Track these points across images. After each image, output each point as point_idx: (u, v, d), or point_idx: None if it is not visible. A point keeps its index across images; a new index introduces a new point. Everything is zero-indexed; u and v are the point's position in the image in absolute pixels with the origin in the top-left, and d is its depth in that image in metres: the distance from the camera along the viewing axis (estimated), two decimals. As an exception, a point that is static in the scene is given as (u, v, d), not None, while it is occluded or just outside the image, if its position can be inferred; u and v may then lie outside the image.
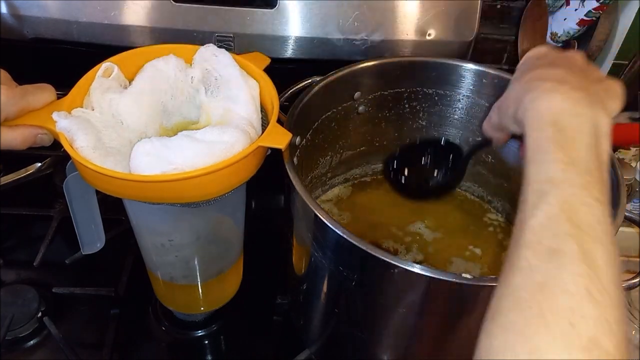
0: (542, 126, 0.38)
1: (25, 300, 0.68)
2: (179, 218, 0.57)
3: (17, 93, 0.45)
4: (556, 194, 0.35)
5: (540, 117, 0.39)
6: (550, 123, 0.38)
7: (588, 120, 0.38)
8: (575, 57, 0.45)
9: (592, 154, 0.37)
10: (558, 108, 0.38)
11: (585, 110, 0.38)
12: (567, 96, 0.39)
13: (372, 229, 0.75)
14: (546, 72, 0.42)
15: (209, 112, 0.53)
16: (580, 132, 0.37)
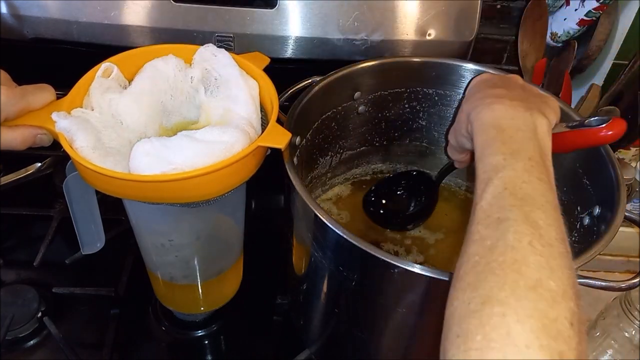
0: (486, 130, 0.44)
1: (25, 300, 0.69)
2: (179, 218, 0.57)
3: (17, 93, 0.45)
4: (500, 176, 0.40)
5: (484, 123, 0.45)
6: (492, 126, 0.44)
7: (525, 121, 0.44)
8: (515, 78, 0.52)
9: (532, 146, 0.42)
10: (499, 115, 0.44)
11: (522, 114, 0.44)
12: (506, 105, 0.45)
13: (372, 229, 0.75)
14: (489, 91, 0.48)
15: (208, 112, 0.53)
16: (519, 129, 0.43)
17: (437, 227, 0.76)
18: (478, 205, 0.40)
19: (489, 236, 0.37)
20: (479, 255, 0.37)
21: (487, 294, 0.34)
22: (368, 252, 0.47)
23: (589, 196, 0.60)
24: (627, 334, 0.68)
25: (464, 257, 0.38)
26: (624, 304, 0.68)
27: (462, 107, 0.50)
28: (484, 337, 0.32)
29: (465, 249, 0.39)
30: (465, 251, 0.38)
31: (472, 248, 0.38)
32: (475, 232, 0.39)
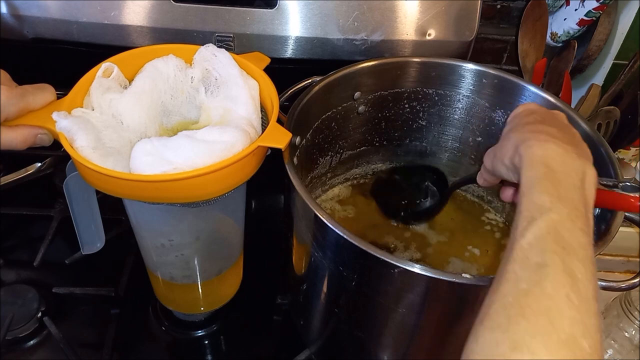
0: (536, 166, 0.43)
1: (25, 300, 0.68)
2: (179, 218, 0.57)
3: (17, 93, 0.45)
4: (545, 219, 0.39)
5: (535, 160, 0.43)
6: (543, 164, 0.43)
7: (576, 168, 0.43)
8: (562, 117, 0.51)
9: (579, 195, 0.41)
10: (551, 154, 0.43)
11: (574, 160, 0.43)
12: (559, 146, 0.44)
13: (372, 228, 0.75)
14: (540, 127, 0.47)
15: (209, 112, 0.53)
16: (569, 175, 0.42)
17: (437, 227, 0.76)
18: (517, 243, 0.39)
19: (526, 279, 0.36)
20: (512, 296, 0.36)
21: (518, 340, 0.33)
22: (368, 252, 0.47)
23: (589, 196, 0.60)
24: (627, 334, 0.69)
25: (495, 295, 0.37)
26: (624, 304, 0.68)
27: (509, 136, 0.48)
28: None
29: (498, 286, 0.38)
30: (497, 289, 0.37)
31: (505, 287, 0.37)
32: (510, 271, 0.37)
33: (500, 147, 0.49)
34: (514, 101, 0.68)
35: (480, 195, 0.80)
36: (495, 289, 0.38)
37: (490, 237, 0.76)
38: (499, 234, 0.77)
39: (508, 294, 0.36)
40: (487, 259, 0.73)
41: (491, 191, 0.78)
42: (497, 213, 0.79)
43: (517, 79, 0.67)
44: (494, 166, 0.51)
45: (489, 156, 0.52)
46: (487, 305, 0.37)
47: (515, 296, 0.36)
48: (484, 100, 0.70)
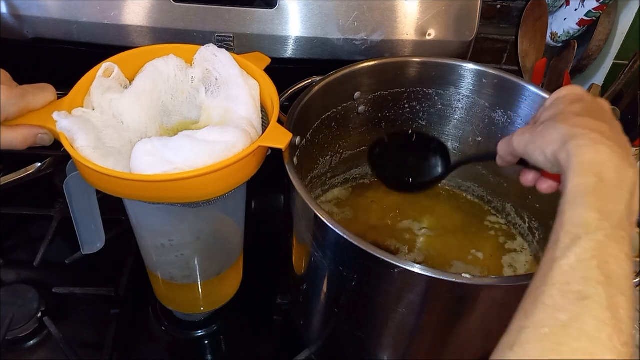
0: (585, 174, 0.39)
1: (25, 300, 0.68)
2: (179, 218, 0.57)
3: (17, 93, 0.45)
4: (590, 239, 0.36)
5: (585, 165, 0.39)
6: (594, 173, 0.39)
7: (629, 178, 0.39)
8: (607, 107, 0.47)
9: (627, 210, 0.38)
10: (603, 160, 0.39)
11: (627, 169, 0.39)
12: (613, 151, 0.40)
13: (372, 229, 0.75)
14: (591, 123, 0.42)
15: (209, 112, 0.53)
16: (620, 188, 0.39)
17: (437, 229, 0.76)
18: (558, 263, 0.36)
19: (565, 309, 0.33)
20: (549, 327, 0.33)
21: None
22: (368, 252, 0.47)
23: (589, 196, 0.60)
24: (627, 334, 0.68)
25: (529, 321, 0.34)
26: (623, 304, 0.68)
27: (555, 125, 0.44)
28: None
29: (533, 309, 0.35)
30: (532, 313, 0.35)
31: (541, 314, 0.34)
32: (548, 296, 0.35)
33: (542, 135, 0.44)
34: (514, 101, 0.68)
35: (481, 195, 0.80)
36: (530, 312, 0.35)
37: (492, 240, 0.76)
38: (502, 238, 0.77)
39: (544, 324, 0.33)
40: (489, 262, 0.73)
41: (491, 191, 0.78)
42: (497, 214, 0.79)
43: (517, 79, 0.67)
44: (529, 151, 0.46)
45: (522, 140, 0.47)
46: (519, 329, 0.34)
47: (552, 329, 0.33)
48: (484, 100, 0.70)
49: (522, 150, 0.47)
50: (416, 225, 0.76)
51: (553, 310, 0.34)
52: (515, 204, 0.76)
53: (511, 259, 0.74)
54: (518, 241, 0.76)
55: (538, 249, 0.73)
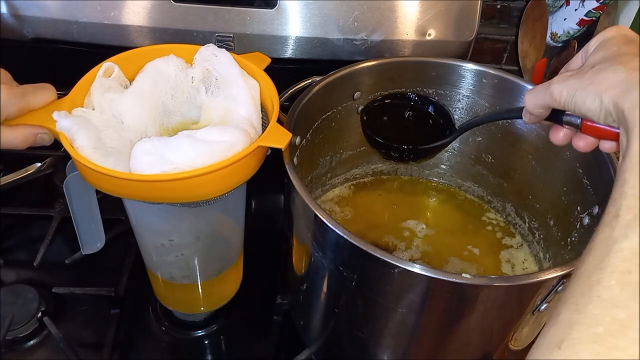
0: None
1: (25, 300, 0.68)
2: (179, 218, 0.57)
3: (18, 93, 0.45)
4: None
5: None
6: None
7: None
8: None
9: None
10: None
11: None
12: None
13: (372, 229, 0.75)
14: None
15: (209, 112, 0.53)
16: None
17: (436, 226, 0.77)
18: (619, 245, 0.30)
19: (624, 305, 0.29)
20: (604, 327, 0.28)
21: None
22: (368, 252, 0.47)
23: (589, 196, 0.61)
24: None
25: (581, 315, 0.30)
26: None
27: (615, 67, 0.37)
28: None
29: (586, 302, 0.30)
30: (584, 306, 0.30)
31: (596, 310, 0.29)
32: (605, 287, 0.29)
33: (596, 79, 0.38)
34: (514, 101, 0.68)
35: (481, 195, 0.80)
36: (582, 305, 0.30)
37: (490, 236, 0.76)
38: (500, 234, 0.77)
39: (599, 322, 0.29)
40: (487, 259, 0.73)
41: (491, 191, 0.78)
42: (497, 213, 0.79)
43: (517, 79, 0.67)
44: (577, 99, 0.40)
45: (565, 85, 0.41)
46: (569, 324, 0.30)
47: (608, 328, 0.28)
48: (484, 100, 0.70)
49: (565, 99, 0.41)
50: (416, 224, 0.76)
51: (610, 306, 0.29)
52: (515, 204, 0.76)
53: (509, 255, 0.74)
54: (517, 238, 0.76)
55: (538, 249, 0.73)
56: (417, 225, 0.76)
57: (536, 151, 0.69)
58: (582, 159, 0.62)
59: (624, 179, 0.32)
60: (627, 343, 0.28)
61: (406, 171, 0.82)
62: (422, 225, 0.76)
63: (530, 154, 0.70)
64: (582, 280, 0.31)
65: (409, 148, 0.62)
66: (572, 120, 0.44)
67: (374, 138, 0.62)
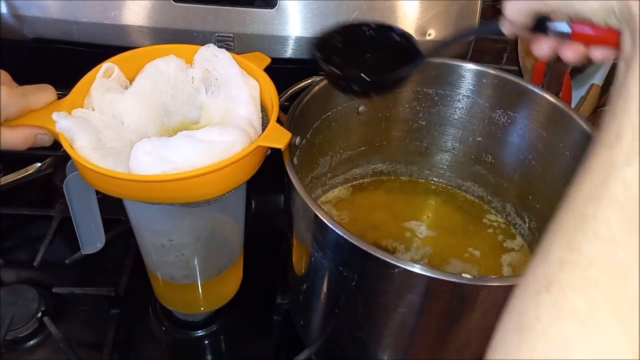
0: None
1: (25, 300, 0.68)
2: (179, 218, 0.57)
3: (18, 93, 0.45)
4: None
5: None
6: None
7: None
8: None
9: None
10: None
11: None
12: None
13: (372, 229, 0.75)
14: None
15: (209, 112, 0.53)
16: None
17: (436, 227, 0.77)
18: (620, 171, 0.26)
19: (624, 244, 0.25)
20: (599, 269, 0.25)
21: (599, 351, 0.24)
22: (368, 252, 0.47)
23: (589, 196, 0.60)
24: (627, 334, 0.68)
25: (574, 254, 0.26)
26: (623, 304, 0.68)
27: None
28: None
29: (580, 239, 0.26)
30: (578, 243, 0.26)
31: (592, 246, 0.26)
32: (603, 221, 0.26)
33: None
34: (514, 101, 0.68)
35: (481, 195, 0.80)
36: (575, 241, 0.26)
37: (491, 238, 0.76)
38: (501, 237, 0.77)
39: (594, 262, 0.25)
40: (488, 261, 0.73)
41: (491, 191, 0.78)
42: (497, 214, 0.79)
43: (517, 79, 0.67)
44: None
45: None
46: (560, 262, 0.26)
47: (606, 271, 0.25)
48: (484, 100, 0.70)
49: None
50: (416, 224, 0.76)
51: (608, 244, 0.25)
52: (515, 204, 0.76)
53: (510, 258, 0.74)
54: (517, 240, 0.76)
55: (538, 249, 0.73)
56: (418, 227, 0.76)
57: (536, 151, 0.69)
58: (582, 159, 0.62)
59: (627, 91, 0.27)
60: (625, 288, 0.25)
61: (406, 171, 0.82)
62: (423, 226, 0.76)
63: (530, 154, 0.70)
64: (575, 211, 0.28)
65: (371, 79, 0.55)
66: (559, 27, 0.38)
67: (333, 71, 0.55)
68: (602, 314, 0.25)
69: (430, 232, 0.76)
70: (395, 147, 0.78)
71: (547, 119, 0.66)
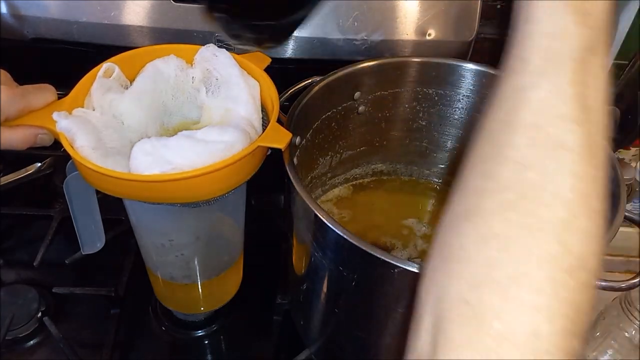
0: None
1: (25, 300, 0.68)
2: (179, 218, 0.57)
3: (18, 93, 0.45)
4: (569, 56, 0.27)
5: None
6: None
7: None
8: None
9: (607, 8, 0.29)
10: None
11: None
12: None
13: (372, 229, 0.75)
14: None
15: (210, 112, 0.53)
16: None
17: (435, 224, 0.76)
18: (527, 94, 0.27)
19: (535, 165, 0.26)
20: (514, 192, 0.26)
21: (519, 268, 0.25)
22: (368, 252, 0.47)
23: (589, 196, 0.60)
24: (627, 334, 0.69)
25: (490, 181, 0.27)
26: (624, 304, 0.68)
27: None
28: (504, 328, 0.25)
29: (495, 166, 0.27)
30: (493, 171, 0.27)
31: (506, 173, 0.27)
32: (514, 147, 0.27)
33: None
34: (514, 101, 0.68)
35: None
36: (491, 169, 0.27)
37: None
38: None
39: (509, 187, 0.26)
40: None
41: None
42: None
43: (517, 79, 0.67)
44: None
45: None
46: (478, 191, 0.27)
47: (520, 192, 0.26)
48: (484, 100, 0.70)
49: None
50: (415, 223, 0.76)
51: (521, 168, 0.26)
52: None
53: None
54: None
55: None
56: (417, 225, 0.76)
57: (536, 151, 0.69)
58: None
59: (529, 14, 0.29)
60: (539, 206, 0.26)
61: (406, 171, 0.82)
62: (422, 225, 0.76)
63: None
64: (489, 139, 0.29)
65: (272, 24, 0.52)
66: None
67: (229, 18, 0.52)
68: (519, 234, 0.25)
69: (430, 230, 0.76)
70: (395, 147, 0.78)
71: (547, 119, 0.66)
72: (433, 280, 0.29)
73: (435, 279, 0.29)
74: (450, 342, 0.26)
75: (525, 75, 0.28)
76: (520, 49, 0.29)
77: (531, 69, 0.28)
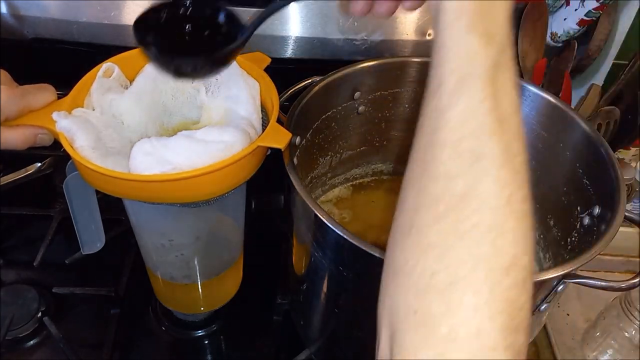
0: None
1: (25, 300, 0.68)
2: (179, 218, 0.57)
3: (18, 93, 0.45)
4: (479, 75, 0.29)
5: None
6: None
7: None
8: None
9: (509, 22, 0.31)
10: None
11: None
12: None
13: (372, 229, 0.75)
14: None
15: (209, 112, 0.53)
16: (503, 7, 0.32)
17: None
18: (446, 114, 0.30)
19: (459, 177, 0.28)
20: (445, 204, 0.28)
21: (457, 274, 0.27)
22: (368, 252, 0.47)
23: (589, 196, 0.60)
24: (627, 334, 0.69)
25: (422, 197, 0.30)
26: (624, 304, 0.68)
27: None
28: (450, 331, 0.27)
29: (425, 182, 0.30)
30: (424, 187, 0.30)
31: (435, 188, 0.29)
32: (440, 163, 0.29)
33: None
34: (514, 101, 0.68)
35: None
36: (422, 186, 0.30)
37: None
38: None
39: (439, 200, 0.28)
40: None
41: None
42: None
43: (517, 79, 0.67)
44: None
45: None
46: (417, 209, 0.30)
47: (450, 204, 0.28)
48: (484, 100, 0.70)
49: None
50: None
51: (447, 181, 0.29)
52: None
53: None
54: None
55: (538, 249, 0.73)
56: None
57: (536, 151, 0.69)
58: (582, 159, 0.62)
59: (442, 41, 0.31)
60: (468, 214, 0.28)
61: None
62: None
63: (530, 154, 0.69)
64: (418, 159, 0.31)
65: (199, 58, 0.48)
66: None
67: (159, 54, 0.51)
68: (453, 241, 0.28)
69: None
70: (395, 147, 0.78)
71: (547, 119, 0.66)
72: (386, 294, 0.31)
73: (388, 292, 0.31)
74: (404, 351, 0.28)
75: (443, 97, 0.30)
76: (437, 73, 0.31)
77: (448, 91, 0.30)
